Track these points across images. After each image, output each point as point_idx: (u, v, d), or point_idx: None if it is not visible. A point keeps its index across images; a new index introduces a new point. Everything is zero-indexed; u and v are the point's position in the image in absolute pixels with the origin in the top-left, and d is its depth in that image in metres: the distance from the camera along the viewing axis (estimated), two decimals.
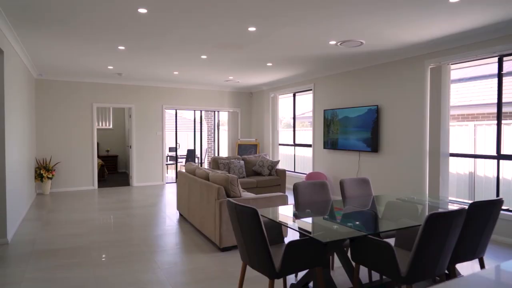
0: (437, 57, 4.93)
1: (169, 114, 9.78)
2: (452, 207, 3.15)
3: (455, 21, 3.88)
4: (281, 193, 4.23)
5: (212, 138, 12.26)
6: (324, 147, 7.05)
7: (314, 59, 5.91)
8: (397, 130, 5.59)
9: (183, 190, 5.22)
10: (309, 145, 7.85)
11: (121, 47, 5.14)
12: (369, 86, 6.08)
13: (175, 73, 7.31)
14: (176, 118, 9.22)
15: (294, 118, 8.43)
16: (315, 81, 7.45)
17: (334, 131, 6.77)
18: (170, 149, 11.46)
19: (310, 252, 2.32)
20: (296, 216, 2.82)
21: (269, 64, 6.34)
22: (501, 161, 4.39)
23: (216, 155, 10.06)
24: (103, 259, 3.68)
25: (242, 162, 7.06)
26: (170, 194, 7.56)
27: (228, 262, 3.61)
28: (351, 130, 6.37)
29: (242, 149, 9.37)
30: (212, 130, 12.17)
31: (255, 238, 2.25)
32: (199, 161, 10.67)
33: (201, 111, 9.66)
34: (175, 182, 9.18)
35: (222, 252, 3.89)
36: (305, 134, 8.30)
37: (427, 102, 5.09)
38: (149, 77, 7.93)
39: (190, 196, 4.86)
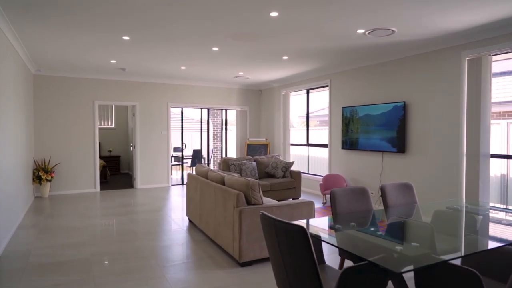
0: (475, 48, 4.44)
1: (173, 113, 9.32)
2: None
3: (498, 6, 3.40)
4: (306, 199, 3.75)
5: (218, 138, 11.79)
6: (342, 147, 6.56)
7: (335, 51, 5.43)
8: (428, 128, 5.10)
9: (194, 195, 4.74)
10: (325, 145, 7.37)
11: (125, 37, 4.67)
12: (395, 81, 5.60)
13: (182, 68, 6.84)
14: (182, 116, 8.75)
15: (307, 116, 7.95)
16: (332, 77, 6.97)
17: (354, 130, 6.29)
18: (175, 149, 10.99)
19: (367, 280, 1.85)
20: (339, 230, 2.34)
21: (285, 57, 5.86)
22: None
23: (224, 155, 9.59)
24: (106, 277, 3.21)
25: (254, 163, 6.59)
26: (176, 197, 7.09)
27: (251, 280, 3.13)
28: (373, 129, 5.89)
29: (251, 149, 8.90)
30: (218, 129, 11.71)
31: (301, 262, 1.77)
32: (206, 162, 10.20)
33: (208, 109, 9.19)
34: (181, 184, 8.71)
35: (242, 268, 3.41)
36: (317, 134, 7.82)
37: (463, 98, 4.60)
38: (154, 73, 7.47)
39: (202, 202, 4.39)
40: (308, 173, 7.93)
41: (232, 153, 9.84)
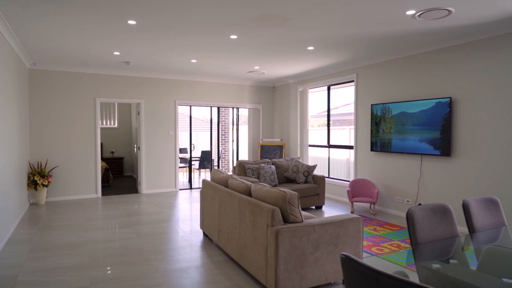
0: None
1: (180, 112, 8.66)
2: None
3: None
4: (353, 215, 3.08)
5: (227, 138, 11.13)
6: (372, 149, 5.88)
7: (371, 39, 4.75)
8: (481, 128, 4.41)
9: (211, 205, 4.07)
10: (349, 147, 6.69)
11: (131, 22, 4.00)
12: (439, 74, 4.91)
13: (192, 61, 6.17)
14: (190, 115, 8.09)
15: (328, 114, 7.26)
16: (359, 71, 6.28)
17: (386, 130, 5.60)
18: (181, 151, 10.34)
19: None
20: (441, 274, 1.66)
21: (311, 47, 5.18)
22: None
23: (235, 157, 8.92)
24: None
25: (273, 167, 5.91)
26: (185, 203, 6.43)
27: None
28: (410, 128, 5.20)
29: (265, 150, 8.23)
30: (226, 129, 11.05)
31: None
32: (215, 165, 9.53)
33: (218, 107, 8.53)
34: (189, 189, 8.05)
35: None
36: (333, 134, 7.14)
37: None
38: (161, 67, 6.80)
39: (222, 215, 3.72)
40: (329, 177, 7.25)
41: (243, 155, 9.18)
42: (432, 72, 4.99)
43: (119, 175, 10.10)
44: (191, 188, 8.14)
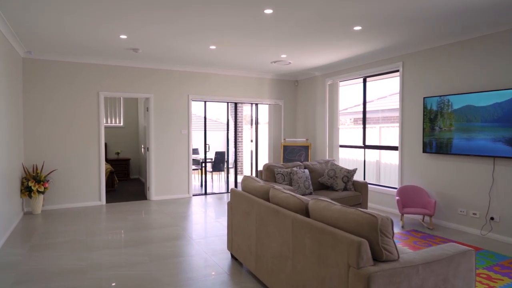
0: None
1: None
2: None
3: None
4: (462, 247, 2.17)
5: (240, 138, 10.25)
6: (424, 151, 4.96)
7: (435, 14, 3.84)
8: None
9: (244, 222, 3.19)
10: (393, 147, 5.77)
11: None
12: None
13: (211, 48, 5.29)
14: (205, 111, 7.22)
15: (364, 110, 6.35)
16: (406, 58, 5.36)
17: (445, 128, 4.68)
18: (193, 152, 9.48)
19: None
20: None
21: (357, 27, 4.28)
22: None
23: (254, 159, 8.03)
24: None
25: (307, 171, 5.02)
26: (200, 212, 5.55)
27: None
28: (479, 125, 4.28)
29: (289, 151, 7.33)
30: (240, 128, 10.17)
31: None
32: (232, 167, 8.65)
33: (235, 103, 7.65)
34: (204, 194, 7.17)
35: None
36: (353, 132, 6.24)
37: None
38: (174, 56, 5.93)
39: (263, 237, 2.83)
40: (369, 183, 6.32)
41: (263, 156, 8.29)
42: (508, 57, 4.07)
43: (125, 178, 9.26)
44: (205, 193, 7.26)
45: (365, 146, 6.34)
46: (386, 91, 6.27)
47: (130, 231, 4.57)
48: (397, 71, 5.55)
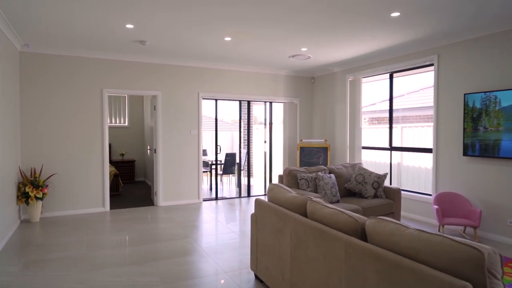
0: None
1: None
2: None
3: None
4: None
5: (250, 139, 9.75)
6: (465, 154, 4.43)
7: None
8: None
9: (274, 241, 2.68)
10: (427, 150, 5.25)
11: None
12: None
13: (226, 39, 4.79)
14: (216, 110, 6.72)
15: (391, 109, 5.82)
16: (441, 51, 4.83)
17: (491, 128, 4.15)
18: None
19: None
20: None
21: (395, 13, 3.76)
22: None
23: (268, 161, 7.52)
24: None
25: (333, 177, 4.50)
26: (213, 221, 5.05)
27: None
28: None
29: (306, 153, 6.81)
30: (247, 127, 9.66)
31: None
32: (243, 169, 8.15)
33: (248, 102, 7.15)
34: (215, 199, 6.68)
35: None
36: (372, 133, 5.71)
37: None
38: (183, 50, 5.43)
39: (300, 261, 2.32)
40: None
41: (277, 158, 7.77)
42: None
43: (129, 180, 8.78)
44: (216, 198, 6.76)
45: (392, 148, 5.81)
46: (414, 87, 5.75)
47: (137, 243, 4.08)
48: (431, 65, 5.02)
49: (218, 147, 7.13)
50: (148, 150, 8.15)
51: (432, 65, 5.01)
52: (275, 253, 2.67)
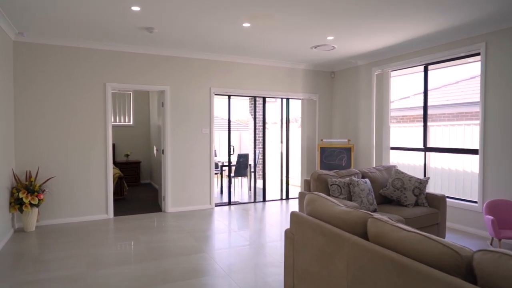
0: None
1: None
2: None
3: None
4: None
5: (260, 139, 9.18)
6: None
7: None
8: None
9: (319, 267, 2.11)
10: (469, 151, 4.65)
11: None
12: None
13: (244, 25, 4.22)
14: (229, 107, 6.17)
15: (425, 105, 5.23)
16: (490, 38, 4.23)
17: None
18: None
19: None
20: None
21: None
22: None
23: (284, 162, 6.95)
24: None
25: (368, 182, 3.92)
26: (226, 230, 4.48)
27: None
28: None
29: (327, 154, 6.24)
30: (260, 127, 9.10)
31: None
32: (253, 170, 7.59)
33: (263, 98, 6.58)
34: (228, 205, 6.12)
35: None
36: (399, 131, 5.12)
37: None
38: (194, 40, 4.88)
39: None
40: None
41: (295, 159, 7.20)
42: None
43: (135, 183, 8.26)
44: (229, 203, 6.21)
45: (426, 149, 5.21)
46: (450, 80, 5.17)
47: (144, 259, 3.53)
48: (477, 54, 4.42)
49: (232, 148, 6.58)
50: (155, 151, 7.62)
51: (478, 54, 4.41)
52: (322, 284, 2.10)
